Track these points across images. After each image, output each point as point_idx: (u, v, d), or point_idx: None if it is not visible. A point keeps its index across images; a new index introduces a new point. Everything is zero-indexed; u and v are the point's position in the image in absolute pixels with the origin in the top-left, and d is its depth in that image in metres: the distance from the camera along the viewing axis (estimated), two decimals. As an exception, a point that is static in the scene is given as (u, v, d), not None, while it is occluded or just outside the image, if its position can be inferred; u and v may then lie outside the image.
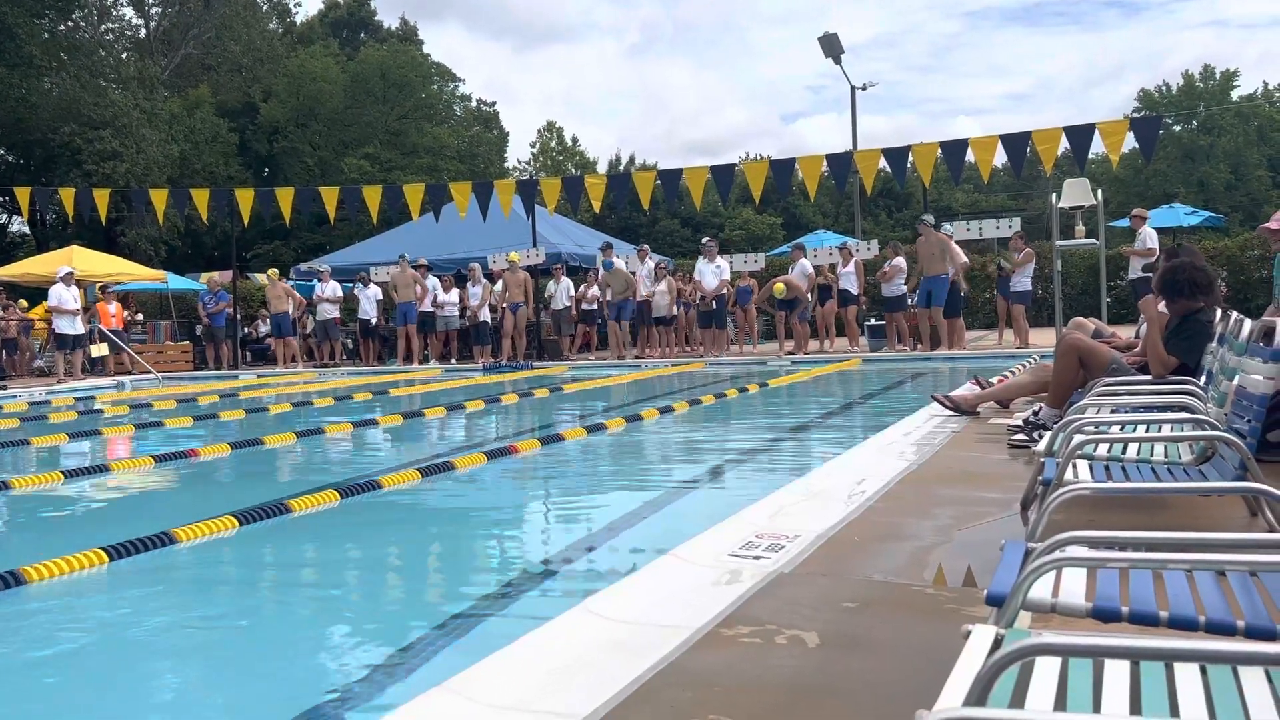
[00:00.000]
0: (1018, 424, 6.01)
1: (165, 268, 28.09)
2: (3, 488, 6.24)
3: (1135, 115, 40.57)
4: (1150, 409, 4.41)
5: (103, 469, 7.03)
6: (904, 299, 16.96)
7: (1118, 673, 1.61)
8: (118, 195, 24.91)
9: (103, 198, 20.56)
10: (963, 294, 16.42)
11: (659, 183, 18.84)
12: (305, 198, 20.71)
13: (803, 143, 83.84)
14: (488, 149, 48.11)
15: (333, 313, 19.80)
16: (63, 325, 17.16)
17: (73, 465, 7.21)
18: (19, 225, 40.91)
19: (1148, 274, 13.46)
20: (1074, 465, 3.50)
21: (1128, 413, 4.44)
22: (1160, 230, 17.64)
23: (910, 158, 17.38)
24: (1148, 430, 4.10)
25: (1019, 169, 18.32)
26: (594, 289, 19.49)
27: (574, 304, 19.28)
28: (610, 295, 18.62)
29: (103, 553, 4.24)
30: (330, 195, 20.43)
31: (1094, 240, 13.26)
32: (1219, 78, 51.30)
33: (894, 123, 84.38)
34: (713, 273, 17.97)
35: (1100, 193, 13.09)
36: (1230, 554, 2.02)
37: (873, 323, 18.22)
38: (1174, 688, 1.56)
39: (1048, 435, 3.90)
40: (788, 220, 50.23)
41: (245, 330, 22.38)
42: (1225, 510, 3.90)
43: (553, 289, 19.45)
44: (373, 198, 20.11)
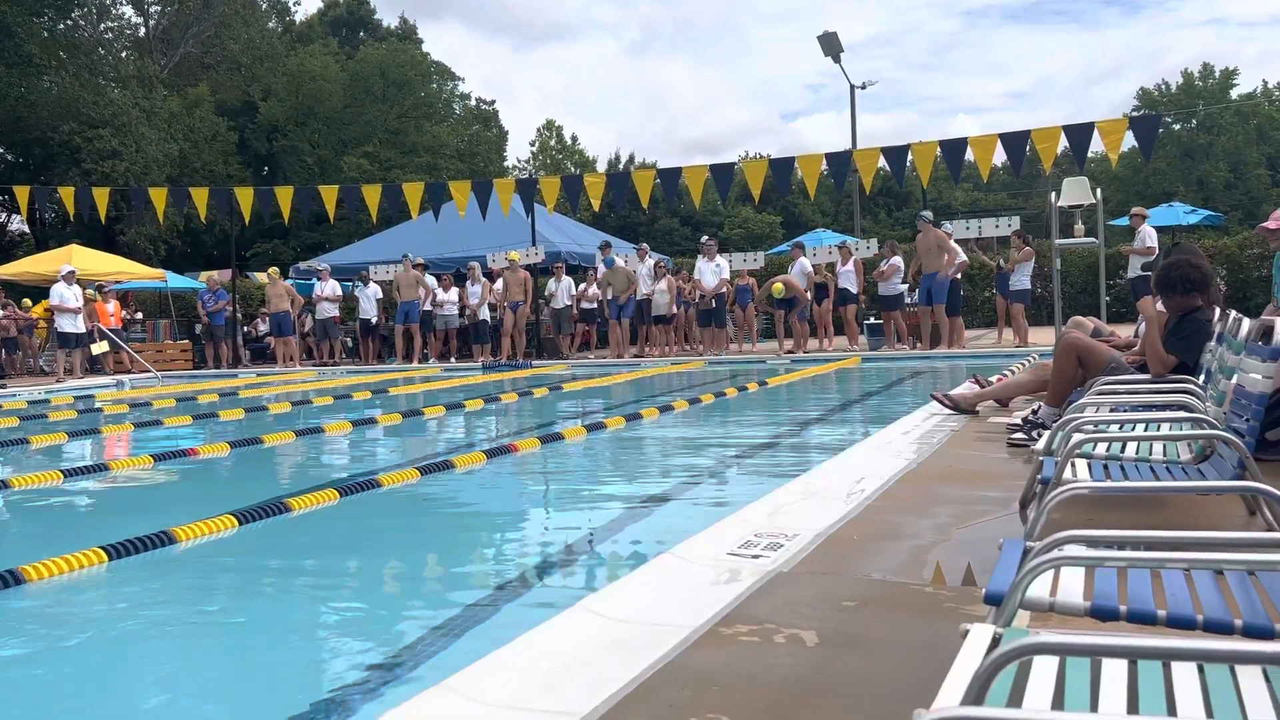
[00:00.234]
0: (1017, 423, 6.01)
1: (164, 266, 28.08)
2: (2, 487, 6.24)
3: (1134, 114, 40.58)
4: (1149, 408, 4.41)
5: (102, 468, 7.03)
6: (901, 298, 16.96)
7: (1115, 671, 1.61)
8: (117, 194, 24.90)
9: (102, 196, 20.55)
10: (957, 278, 16.31)
11: (658, 181, 18.84)
12: (305, 197, 20.70)
13: (802, 141, 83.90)
14: (487, 148, 48.08)
15: (332, 312, 19.80)
16: (64, 324, 17.18)
17: (72, 464, 7.21)
18: (18, 224, 40.92)
19: (1147, 273, 13.46)
20: (1073, 464, 3.50)
21: (1127, 411, 4.44)
22: (1159, 229, 17.65)
23: (909, 156, 17.38)
24: (1146, 429, 4.10)
25: (1018, 168, 18.32)
26: (593, 287, 19.48)
27: (575, 303, 19.29)
28: (612, 294, 18.60)
29: (102, 552, 4.24)
30: (330, 194, 20.43)
31: (1093, 239, 13.26)
32: (1218, 76, 51.29)
33: (893, 121, 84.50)
34: (712, 271, 17.97)
35: (1099, 191, 13.08)
36: (1228, 553, 2.02)
37: (872, 321, 18.22)
38: (1171, 687, 1.57)
39: (1047, 434, 3.91)
40: (787, 219, 50.23)
41: (245, 329, 22.37)
42: (1224, 509, 3.90)
43: (553, 287, 19.43)
44: (372, 197, 20.11)
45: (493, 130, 51.08)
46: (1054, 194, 13.18)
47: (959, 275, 16.51)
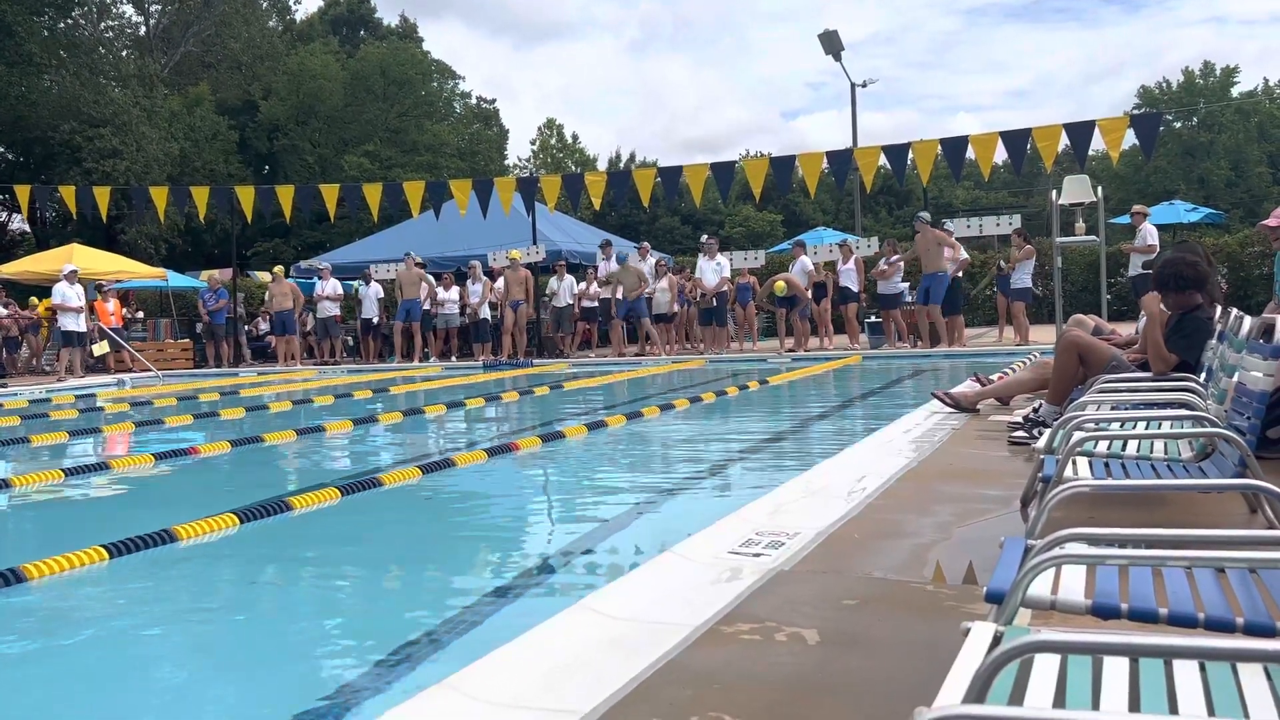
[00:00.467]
0: (1018, 421, 6.01)
1: (165, 265, 28.09)
2: (3, 486, 6.25)
3: (1135, 112, 40.60)
4: (1150, 406, 4.41)
5: (103, 466, 7.03)
6: (901, 296, 16.96)
7: (1117, 670, 1.61)
8: (118, 193, 24.91)
9: (103, 195, 20.56)
10: (957, 276, 16.27)
11: (659, 180, 18.84)
12: (305, 195, 20.71)
13: (803, 140, 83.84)
14: (488, 146, 48.07)
15: (333, 310, 19.81)
16: (67, 323, 17.21)
17: (73, 463, 7.21)
18: (19, 223, 40.94)
19: (1148, 271, 13.45)
20: (1074, 462, 3.50)
21: (1128, 410, 4.44)
22: (1161, 227, 17.65)
23: (910, 155, 17.38)
24: (1148, 427, 4.10)
25: (1019, 166, 18.30)
26: (594, 286, 19.47)
27: (576, 301, 19.28)
28: (622, 293, 18.51)
29: (103, 550, 4.24)
30: (330, 193, 20.44)
31: (1094, 237, 13.27)
32: (1219, 74, 51.23)
33: (894, 119, 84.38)
34: (713, 270, 17.96)
35: (1100, 190, 13.09)
36: (1230, 551, 2.01)
37: (873, 320, 18.22)
38: (1173, 685, 1.56)
39: (1048, 432, 3.91)
40: (788, 217, 50.18)
41: (247, 328, 22.39)
42: (1225, 507, 3.90)
43: (555, 286, 19.42)
44: (373, 195, 20.11)
45: (493, 129, 51.08)
46: (1055, 192, 13.18)
47: (959, 273, 16.50)
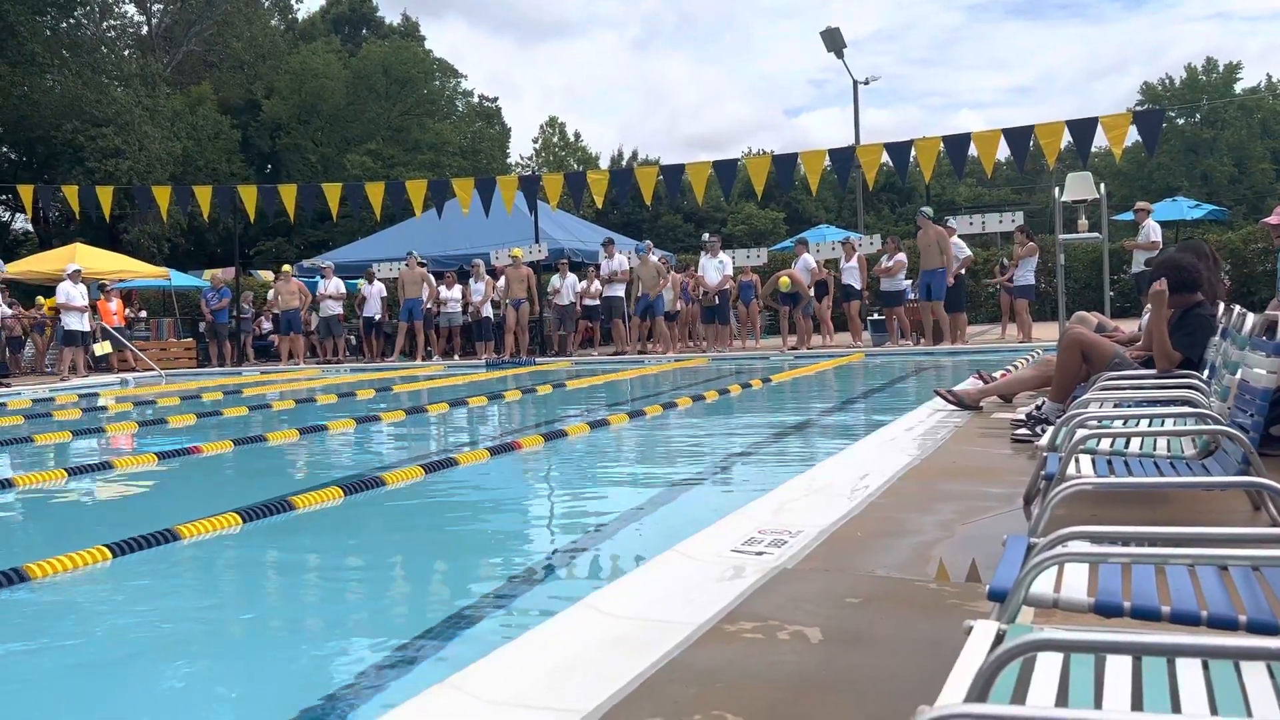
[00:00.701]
0: (1020, 419, 6.00)
1: (168, 265, 28.14)
2: (7, 485, 6.26)
3: (1138, 109, 40.52)
4: (1153, 403, 4.40)
5: (106, 466, 7.04)
6: (904, 293, 16.94)
7: (1119, 668, 1.61)
8: (121, 193, 24.94)
9: (106, 195, 20.58)
10: (960, 274, 16.24)
11: (661, 178, 18.83)
12: (308, 194, 20.73)
13: (805, 137, 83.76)
14: (490, 145, 48.07)
15: (336, 309, 19.82)
16: (70, 322, 17.24)
17: (77, 462, 7.22)
18: (22, 223, 40.98)
19: (1150, 268, 13.42)
20: (1077, 460, 3.50)
21: (1131, 407, 4.44)
22: (1163, 224, 17.62)
23: (913, 152, 17.35)
24: (1150, 424, 4.10)
25: (1022, 163, 18.27)
26: (594, 284, 19.47)
27: (578, 299, 19.28)
28: (642, 288, 18.45)
29: (106, 549, 4.25)
30: (333, 192, 20.45)
31: (1097, 234, 13.23)
32: (1222, 70, 51.14)
33: (896, 116, 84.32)
34: (715, 268, 17.95)
35: (1103, 186, 13.06)
36: (1233, 548, 2.01)
37: (875, 317, 18.21)
38: (1176, 683, 1.56)
39: (1050, 430, 3.90)
40: (790, 215, 50.16)
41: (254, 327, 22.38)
42: (1228, 504, 3.90)
43: (558, 284, 19.40)
44: (375, 194, 20.12)
45: (495, 127, 51.08)
46: (1058, 189, 13.15)
47: (963, 270, 16.49)
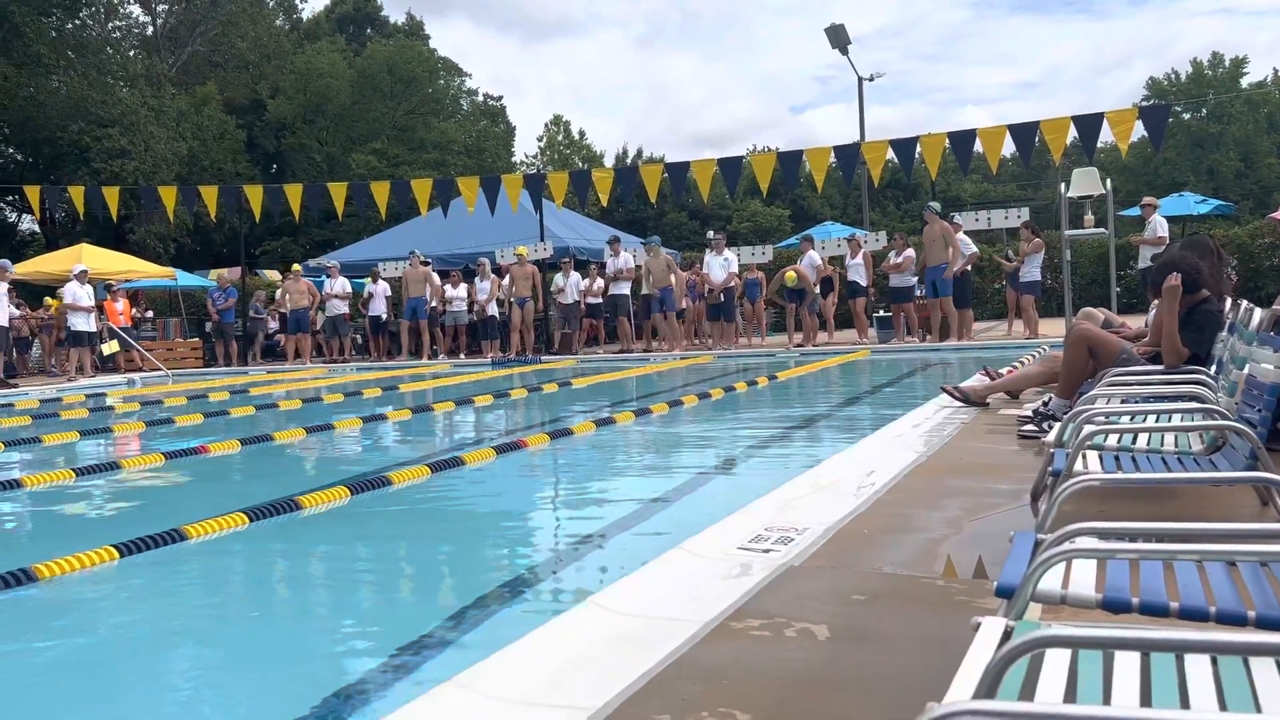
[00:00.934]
0: (1027, 415, 5.99)
1: (174, 265, 28.20)
2: (15, 485, 6.27)
3: (1144, 104, 40.43)
4: (1160, 399, 4.39)
5: (114, 466, 7.05)
6: (913, 290, 16.91)
7: (1128, 664, 1.60)
8: (127, 193, 24.99)
9: (112, 195, 20.62)
10: (959, 274, 16.20)
11: (666, 176, 18.82)
12: (314, 194, 20.75)
13: (810, 134, 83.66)
14: (495, 143, 48.08)
15: (342, 308, 19.85)
16: (77, 322, 17.29)
17: (84, 462, 7.24)
18: (29, 224, 41.07)
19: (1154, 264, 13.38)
20: (1084, 456, 3.49)
21: (1138, 403, 4.43)
22: (1170, 219, 17.56)
23: (918, 148, 17.33)
24: (1158, 420, 4.09)
25: (1027, 159, 18.25)
26: (597, 282, 19.47)
27: (581, 298, 19.27)
28: (652, 282, 18.42)
29: (114, 549, 4.26)
30: (338, 191, 20.48)
31: (1103, 230, 13.20)
32: (1228, 65, 51.04)
33: (902, 113, 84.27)
34: (720, 266, 17.93)
35: (1109, 182, 13.03)
36: (1241, 544, 2.01)
37: (881, 314, 18.18)
38: (1185, 679, 1.56)
39: (1057, 426, 3.90)
40: (795, 212, 50.14)
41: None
42: (1236, 500, 3.89)
43: (560, 282, 19.38)
44: (381, 193, 20.14)
45: (500, 126, 51.12)
46: (1064, 185, 13.12)
47: (969, 267, 16.46)
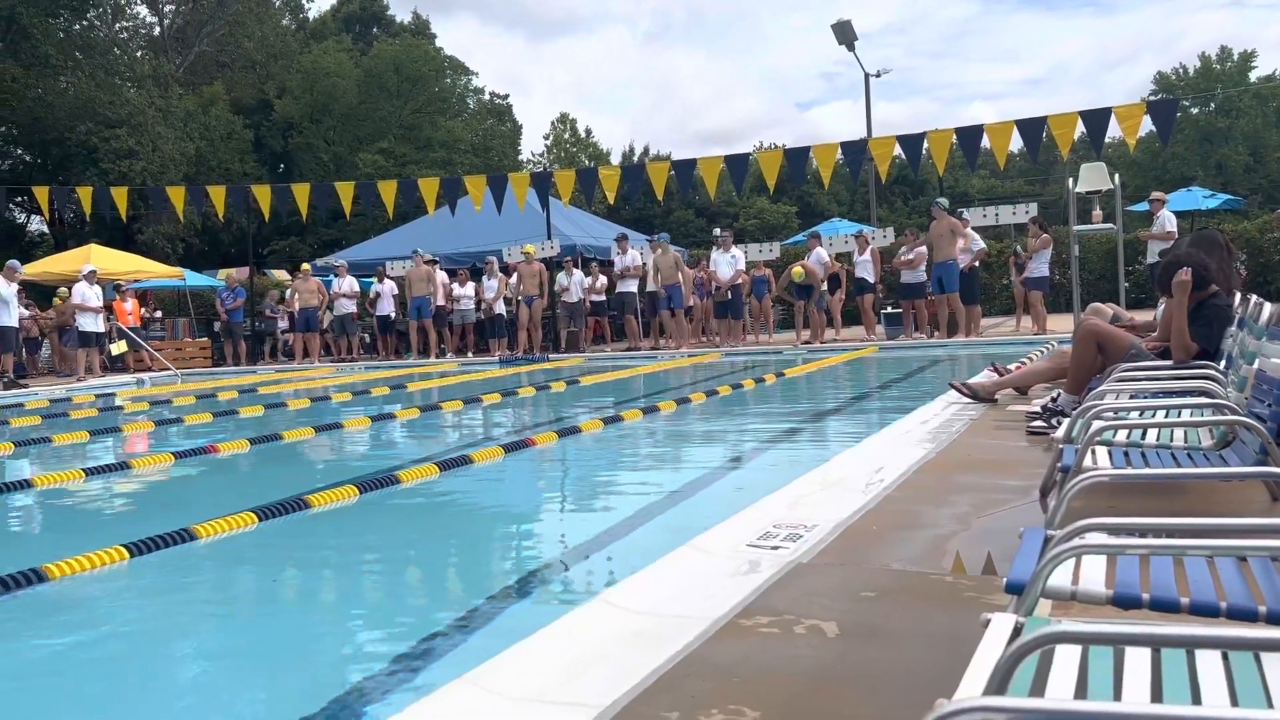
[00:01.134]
0: (1036, 411, 5.98)
1: (182, 265, 28.26)
2: (25, 485, 6.30)
3: (1152, 98, 40.25)
4: (1170, 394, 4.38)
5: (123, 466, 7.08)
6: (923, 286, 16.88)
7: (1139, 660, 1.60)
8: (135, 193, 25.05)
9: (120, 196, 20.67)
10: (971, 270, 16.18)
11: (673, 173, 18.80)
12: (321, 193, 20.78)
13: (817, 131, 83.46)
14: (501, 142, 48.07)
15: (349, 308, 19.89)
16: (85, 323, 17.35)
17: (94, 462, 7.26)
18: (38, 224, 41.19)
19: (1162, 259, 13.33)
20: (1093, 451, 3.48)
21: (1147, 398, 4.42)
22: (1179, 214, 17.52)
23: (925, 145, 17.30)
24: (1167, 415, 4.08)
25: (1035, 154, 18.19)
26: (601, 279, 19.46)
27: (586, 296, 19.27)
28: (661, 280, 18.40)
29: (123, 549, 4.27)
30: (346, 190, 20.51)
31: (1111, 225, 13.16)
32: (1236, 59, 50.80)
33: (908, 109, 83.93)
34: (728, 263, 17.92)
35: (1117, 177, 12.99)
36: (1251, 539, 2.00)
37: (889, 311, 18.16)
38: (1195, 675, 1.56)
39: (1066, 422, 3.89)
40: (802, 209, 50.04)
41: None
42: (1246, 495, 3.88)
43: (565, 281, 19.36)
44: (388, 192, 20.16)
45: (507, 124, 51.11)
46: (1071, 180, 13.08)
47: (976, 263, 16.43)
